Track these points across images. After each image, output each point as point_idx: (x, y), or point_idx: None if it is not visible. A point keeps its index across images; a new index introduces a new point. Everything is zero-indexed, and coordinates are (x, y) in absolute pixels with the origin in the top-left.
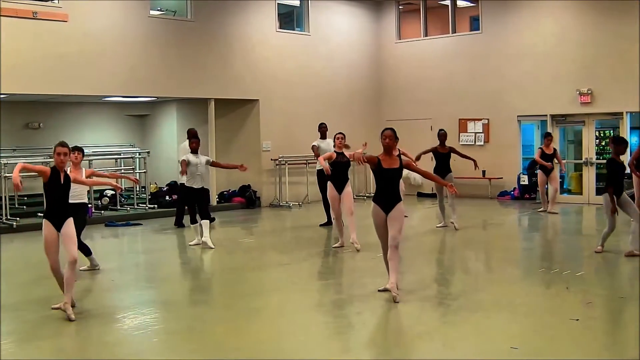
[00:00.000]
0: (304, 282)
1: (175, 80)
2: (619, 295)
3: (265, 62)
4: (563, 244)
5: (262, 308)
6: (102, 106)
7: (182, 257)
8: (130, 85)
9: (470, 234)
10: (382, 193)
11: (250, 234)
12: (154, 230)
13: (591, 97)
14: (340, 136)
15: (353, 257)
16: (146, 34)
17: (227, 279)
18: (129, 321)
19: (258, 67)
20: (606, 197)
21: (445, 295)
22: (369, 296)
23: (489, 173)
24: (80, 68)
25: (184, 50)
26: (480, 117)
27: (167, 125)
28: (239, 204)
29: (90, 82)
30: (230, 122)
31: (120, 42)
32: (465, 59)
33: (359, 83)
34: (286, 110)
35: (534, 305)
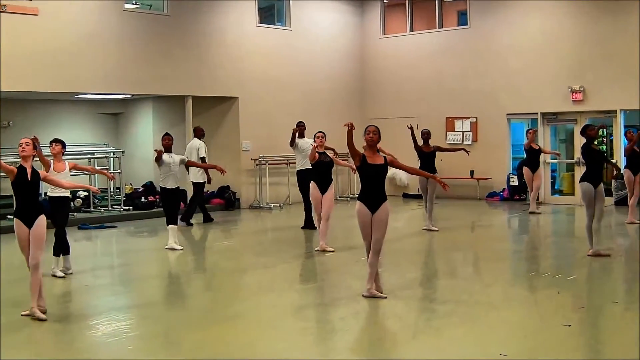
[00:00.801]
0: (285, 285)
1: (151, 77)
2: (613, 299)
3: (244, 58)
4: (554, 247)
5: (241, 313)
6: (74, 104)
7: (158, 260)
8: (104, 81)
9: (458, 236)
10: (368, 191)
11: (229, 236)
12: (129, 233)
13: (583, 95)
14: (321, 135)
15: (336, 260)
16: (121, 29)
17: (205, 283)
18: (103, 327)
19: (237, 63)
20: (583, 186)
21: (432, 300)
22: (353, 300)
23: (477, 173)
24: (51, 64)
25: (160, 45)
26: (468, 116)
27: (142, 123)
28: (218, 206)
29: (62, 78)
30: (209, 120)
31: (94, 36)
32: (452, 55)
33: (341, 80)
34: (267, 109)
35: (524, 310)
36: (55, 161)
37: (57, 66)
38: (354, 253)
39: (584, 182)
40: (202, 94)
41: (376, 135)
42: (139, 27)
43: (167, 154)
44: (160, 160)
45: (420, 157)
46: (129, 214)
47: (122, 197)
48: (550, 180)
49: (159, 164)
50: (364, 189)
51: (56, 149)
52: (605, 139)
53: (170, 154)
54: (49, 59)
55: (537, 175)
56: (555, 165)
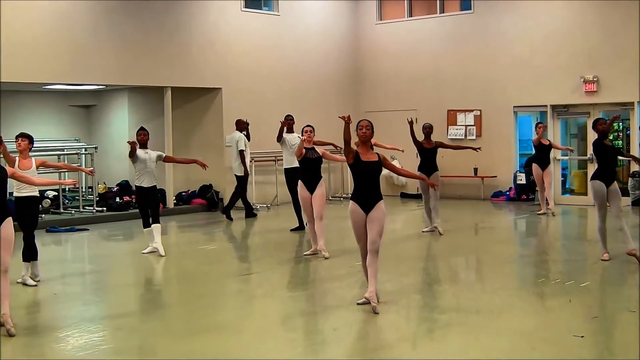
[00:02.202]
0: (272, 293)
1: (126, 66)
2: (629, 308)
3: (228, 46)
4: (565, 251)
5: (224, 323)
6: (42, 95)
7: (134, 266)
8: (74, 71)
9: (460, 239)
10: (362, 190)
11: (212, 240)
12: (102, 236)
13: (597, 86)
14: (309, 129)
15: (327, 266)
16: (94, 14)
17: (185, 291)
18: (73, 340)
19: (220, 52)
20: (594, 184)
21: (432, 308)
22: (346, 309)
23: (482, 171)
24: (16, 52)
25: (137, 31)
26: (472, 108)
27: (117, 117)
28: (199, 207)
29: (28, 67)
30: (189, 113)
31: (64, 22)
32: (454, 43)
33: (334, 70)
34: (252, 101)
35: (532, 319)
36: (21, 158)
37: (22, 54)
38: (347, 258)
39: (595, 181)
40: (182, 84)
41: (369, 131)
42: (113, 12)
43: (143, 149)
44: (135, 156)
45: (420, 154)
46: (102, 216)
47: (94, 197)
48: (561, 178)
49: (134, 160)
50: (357, 187)
51: (22, 144)
52: (621, 133)
53: (146, 149)
54: (14, 46)
55: (547, 172)
56: (566, 162)
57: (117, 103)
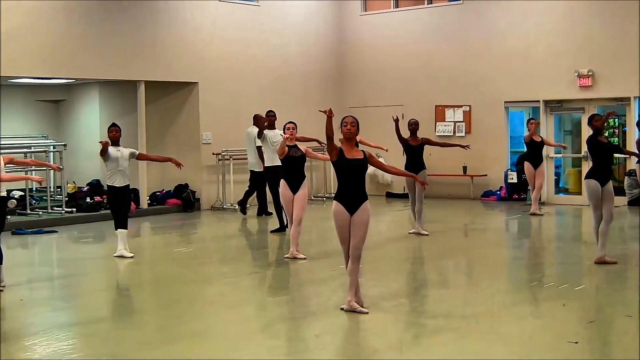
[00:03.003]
0: (252, 298)
1: (97, 59)
2: (626, 313)
3: (205, 38)
4: (559, 253)
5: (201, 330)
6: (7, 89)
7: (105, 270)
8: (42, 64)
9: (449, 241)
10: (346, 189)
11: (188, 242)
12: (71, 238)
13: (592, 80)
14: (291, 125)
15: (309, 269)
16: (63, 6)
17: (160, 296)
18: (41, 349)
19: (197, 44)
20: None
21: (420, 313)
22: (329, 315)
23: (471, 169)
24: None
25: (108, 22)
26: (461, 104)
27: (87, 112)
28: (175, 207)
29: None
30: (164, 109)
31: (32, 14)
32: (443, 35)
33: (317, 63)
34: (231, 96)
35: (525, 325)
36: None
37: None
38: (330, 261)
39: (590, 179)
40: (156, 78)
41: (354, 127)
42: (84, 3)
43: (115, 147)
44: (107, 154)
45: (406, 151)
46: (71, 217)
47: (63, 197)
48: (554, 177)
49: (105, 158)
50: (341, 187)
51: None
52: (617, 129)
53: (118, 147)
54: None
55: (540, 171)
56: (560, 160)
57: (87, 98)
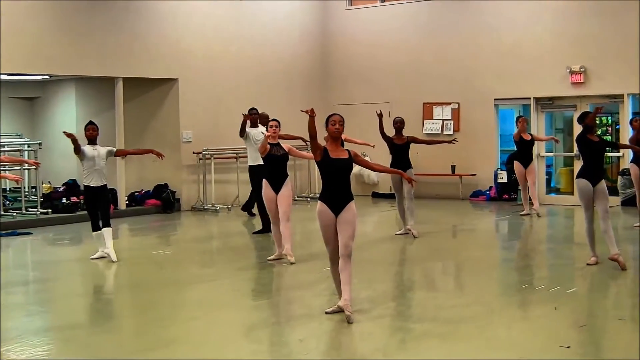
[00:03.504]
0: (234, 301)
1: (73, 55)
2: (619, 316)
3: (185, 34)
4: (550, 255)
5: (181, 336)
6: None
7: (82, 273)
8: (16, 60)
9: (437, 243)
10: (331, 189)
11: (167, 244)
12: (47, 240)
13: (584, 77)
14: (274, 123)
15: (293, 272)
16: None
17: (138, 300)
18: (16, 355)
19: (177, 40)
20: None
21: (407, 318)
22: (314, 319)
23: (460, 169)
24: None
25: (85, 17)
26: (449, 101)
27: (63, 110)
28: (154, 208)
29: None
30: (143, 106)
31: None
32: (431, 30)
33: (301, 60)
34: (212, 93)
35: (515, 329)
36: None
37: None
38: (314, 263)
39: (580, 179)
40: (134, 75)
41: (342, 127)
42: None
43: (91, 145)
44: (81, 153)
45: (391, 150)
46: (47, 218)
47: (38, 197)
48: (546, 176)
49: (81, 157)
50: (326, 187)
51: None
52: (610, 127)
53: (94, 145)
54: None
55: (530, 170)
56: (551, 159)
57: (63, 95)
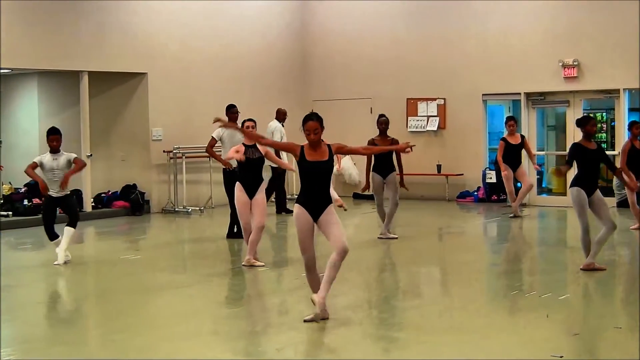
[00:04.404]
0: (206, 309)
1: (36, 47)
2: (614, 324)
3: (155, 24)
4: (541, 259)
5: (150, 346)
6: None
7: (45, 280)
8: None
9: (423, 247)
10: (308, 192)
11: (136, 248)
12: (8, 245)
13: (578, 71)
14: (251, 124)
15: (268, 278)
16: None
17: (104, 308)
18: None
19: (146, 31)
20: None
21: (390, 326)
22: (291, 327)
23: (446, 168)
24: None
25: (48, 7)
26: (435, 97)
27: (25, 106)
28: (122, 210)
29: None
30: (110, 102)
31: None
32: (415, 22)
33: (278, 54)
34: (183, 88)
35: (504, 337)
36: None
37: None
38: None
39: (574, 187)
40: (101, 69)
41: (318, 135)
42: None
43: (53, 155)
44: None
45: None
46: (7, 222)
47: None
48: (537, 176)
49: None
50: (303, 190)
51: None
52: (605, 125)
53: (55, 154)
54: None
55: (521, 173)
56: (543, 158)
57: (24, 90)
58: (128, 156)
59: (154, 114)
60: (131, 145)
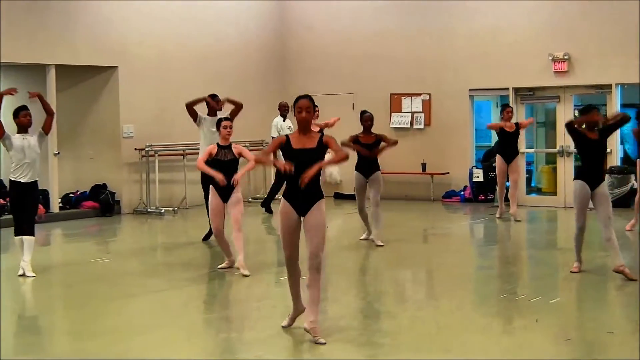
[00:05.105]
0: (181, 315)
1: None
2: (607, 329)
3: (126, 16)
4: (531, 261)
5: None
6: None
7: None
8: None
9: (407, 249)
10: (295, 185)
11: (106, 251)
12: None
13: (568, 65)
14: (228, 124)
15: (246, 282)
16: None
17: (73, 315)
18: None
19: (117, 23)
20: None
21: (374, 332)
22: (271, 334)
23: (431, 167)
24: None
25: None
26: (420, 92)
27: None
28: (91, 211)
29: None
30: (78, 97)
31: None
32: (400, 14)
33: (256, 47)
34: (156, 83)
35: (492, 342)
36: None
37: None
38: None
39: (577, 180)
40: (69, 62)
41: (310, 114)
42: None
43: (22, 134)
44: (6, 139)
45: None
46: None
47: None
48: (526, 175)
49: (7, 147)
50: (289, 183)
51: None
52: None
53: (25, 134)
54: None
55: (514, 168)
56: (532, 156)
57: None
58: (97, 154)
59: (125, 109)
60: (101, 142)
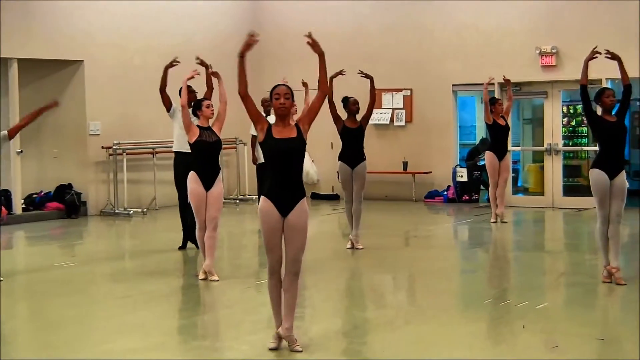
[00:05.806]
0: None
1: None
2: (597, 336)
3: (92, 7)
4: (517, 265)
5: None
6: None
7: None
8: None
9: (388, 252)
10: (276, 181)
11: (72, 255)
12: None
13: (557, 59)
14: (210, 103)
15: (220, 287)
16: None
17: (36, 321)
18: None
19: (82, 15)
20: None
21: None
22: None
23: (413, 166)
24: None
25: None
26: (401, 87)
27: None
28: (56, 212)
29: None
30: (42, 92)
31: None
32: (379, 6)
33: (229, 39)
34: (124, 78)
35: (476, 350)
36: None
37: None
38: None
39: (594, 169)
40: (32, 56)
41: (288, 101)
42: None
43: None
44: None
45: (343, 137)
46: None
47: None
48: (512, 174)
49: None
50: (270, 177)
51: None
52: None
53: None
54: None
55: (505, 166)
56: (519, 154)
57: None
58: (62, 153)
59: (91, 106)
60: (66, 140)
